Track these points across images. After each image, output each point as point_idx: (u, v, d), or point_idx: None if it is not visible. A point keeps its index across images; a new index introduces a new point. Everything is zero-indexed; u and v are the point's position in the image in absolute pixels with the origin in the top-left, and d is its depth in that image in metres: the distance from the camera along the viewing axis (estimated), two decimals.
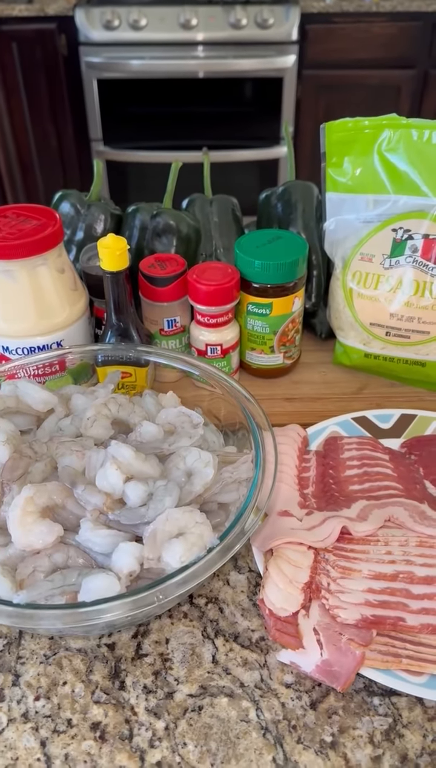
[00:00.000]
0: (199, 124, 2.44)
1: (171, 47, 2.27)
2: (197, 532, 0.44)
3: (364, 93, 2.37)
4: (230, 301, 0.65)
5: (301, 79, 2.34)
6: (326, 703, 0.47)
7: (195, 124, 2.44)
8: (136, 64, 2.28)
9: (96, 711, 0.47)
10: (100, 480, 0.47)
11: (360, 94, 2.37)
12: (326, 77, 2.36)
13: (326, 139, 0.66)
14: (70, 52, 2.30)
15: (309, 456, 0.63)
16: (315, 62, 2.32)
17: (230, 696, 0.47)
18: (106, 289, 0.61)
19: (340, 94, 2.37)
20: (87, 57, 2.29)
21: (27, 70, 2.31)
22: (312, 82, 2.36)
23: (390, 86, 2.36)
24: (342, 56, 2.31)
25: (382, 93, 2.37)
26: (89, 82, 2.34)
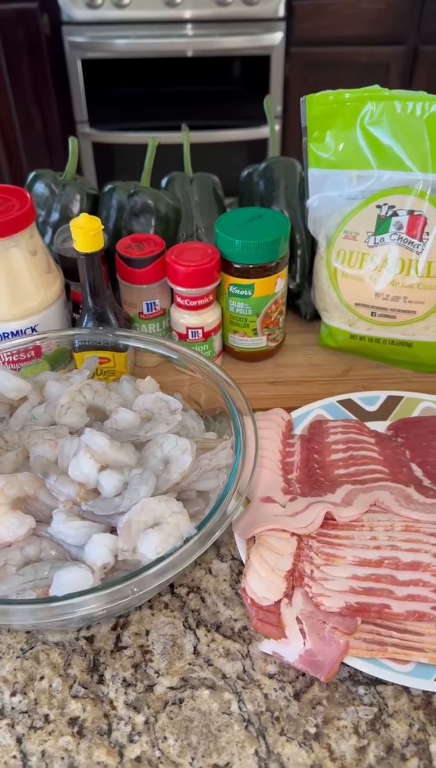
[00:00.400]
0: (187, 104, 2.40)
1: (156, 26, 2.22)
2: (174, 521, 0.43)
3: (353, 70, 2.33)
4: (210, 283, 0.63)
5: (288, 57, 2.30)
6: (310, 694, 0.46)
7: (182, 104, 2.40)
8: (121, 43, 2.23)
9: (74, 706, 0.46)
10: (74, 470, 0.45)
11: (349, 71, 2.33)
12: (314, 54, 2.32)
13: (307, 112, 0.63)
14: (53, 32, 2.25)
15: (293, 440, 0.62)
16: (303, 39, 2.28)
17: (211, 688, 0.46)
18: (81, 272, 0.59)
19: (328, 72, 2.33)
20: (70, 37, 2.24)
21: (9, 51, 2.26)
22: (300, 60, 2.32)
23: (379, 63, 2.32)
24: (330, 33, 2.27)
25: (371, 70, 2.33)
26: (73, 62, 2.30)
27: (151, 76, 2.32)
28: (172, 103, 2.39)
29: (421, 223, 0.61)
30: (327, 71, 2.32)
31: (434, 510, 0.53)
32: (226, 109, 2.40)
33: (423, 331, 0.65)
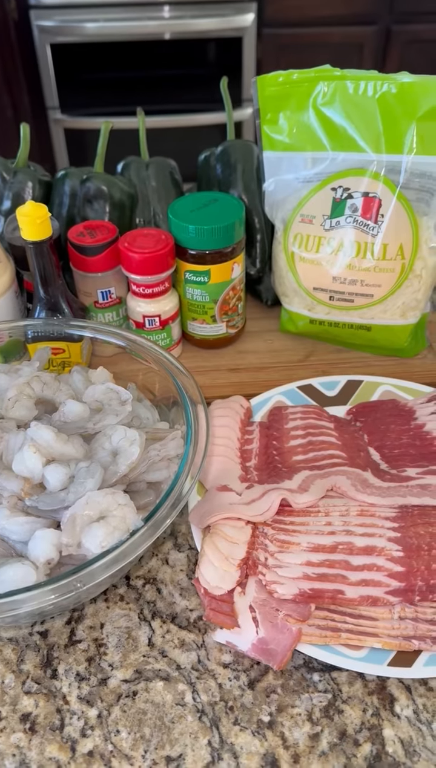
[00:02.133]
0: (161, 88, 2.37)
1: (126, 8, 2.18)
2: (120, 514, 0.42)
3: (326, 52, 2.30)
4: (165, 270, 0.62)
5: (261, 39, 2.27)
6: (265, 682, 0.46)
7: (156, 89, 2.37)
8: (91, 27, 2.20)
9: (26, 702, 0.45)
10: (18, 464, 0.44)
11: (322, 53, 2.30)
12: (287, 36, 2.30)
13: (259, 94, 0.62)
14: (21, 16, 2.21)
15: (252, 428, 0.61)
16: (275, 20, 2.25)
17: (165, 679, 0.46)
18: (30, 261, 0.58)
19: (301, 54, 2.31)
20: (39, 21, 2.20)
21: None
22: (272, 42, 2.29)
23: (352, 44, 2.30)
24: (302, 13, 2.25)
25: (344, 51, 2.31)
26: (42, 47, 2.25)
27: (123, 60, 2.29)
28: (146, 87, 2.36)
29: (375, 205, 0.60)
30: (300, 53, 2.30)
31: (390, 494, 0.52)
32: (200, 92, 2.38)
33: (381, 315, 0.64)
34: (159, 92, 2.37)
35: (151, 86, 2.36)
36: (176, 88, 2.37)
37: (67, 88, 2.34)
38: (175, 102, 2.36)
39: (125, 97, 2.37)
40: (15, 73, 2.32)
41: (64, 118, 2.37)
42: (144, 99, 2.36)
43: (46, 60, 2.28)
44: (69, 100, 2.36)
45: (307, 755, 0.42)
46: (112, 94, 2.37)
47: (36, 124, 2.40)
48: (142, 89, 2.36)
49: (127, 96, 2.37)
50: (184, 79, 2.36)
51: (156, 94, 2.37)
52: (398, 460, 0.57)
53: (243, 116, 2.37)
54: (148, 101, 2.36)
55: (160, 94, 2.37)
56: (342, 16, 2.26)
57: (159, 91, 2.37)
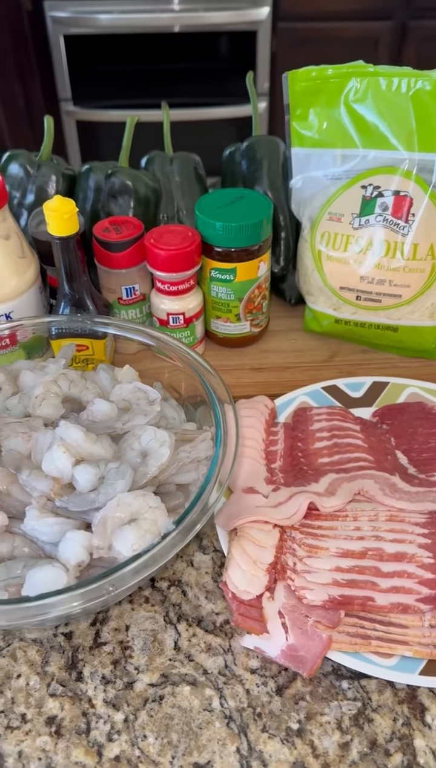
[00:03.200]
0: (173, 81, 2.36)
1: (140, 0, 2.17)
2: (151, 517, 0.41)
3: (341, 46, 2.29)
4: (190, 267, 0.62)
5: (276, 33, 2.25)
6: (293, 689, 0.45)
7: (168, 82, 2.36)
8: (105, 18, 2.18)
9: (52, 704, 0.44)
10: (47, 464, 0.43)
11: (337, 47, 2.29)
12: (302, 30, 2.28)
13: (289, 89, 0.61)
14: (35, 6, 2.20)
15: (277, 428, 0.60)
16: (290, 14, 2.24)
17: (192, 684, 0.45)
18: (56, 257, 0.57)
19: (316, 48, 2.29)
20: (52, 12, 2.18)
21: None
22: (287, 36, 2.28)
23: (368, 39, 2.28)
24: (317, 7, 2.23)
25: (359, 46, 2.29)
26: (56, 38, 2.24)
27: (136, 52, 2.27)
28: (158, 80, 2.34)
29: (407, 204, 0.59)
30: (315, 47, 2.28)
31: (419, 499, 0.52)
32: (213, 86, 2.36)
33: (409, 316, 0.63)
34: (172, 85, 2.36)
35: (165, 79, 2.35)
36: (189, 82, 2.35)
37: (80, 79, 2.33)
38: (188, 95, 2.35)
39: (138, 90, 2.36)
40: (28, 64, 2.30)
41: (76, 110, 2.35)
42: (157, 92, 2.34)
43: (59, 51, 2.26)
44: (81, 92, 2.35)
45: (337, 764, 0.41)
46: (125, 86, 2.36)
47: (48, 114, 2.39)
48: (156, 82, 2.35)
49: (140, 88, 2.36)
50: (197, 73, 2.35)
51: (169, 87, 2.36)
52: (426, 464, 0.56)
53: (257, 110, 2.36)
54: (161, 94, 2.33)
55: (173, 87, 2.36)
56: (357, 10, 2.24)
57: (172, 85, 2.36)
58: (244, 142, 0.73)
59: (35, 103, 2.38)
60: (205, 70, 2.34)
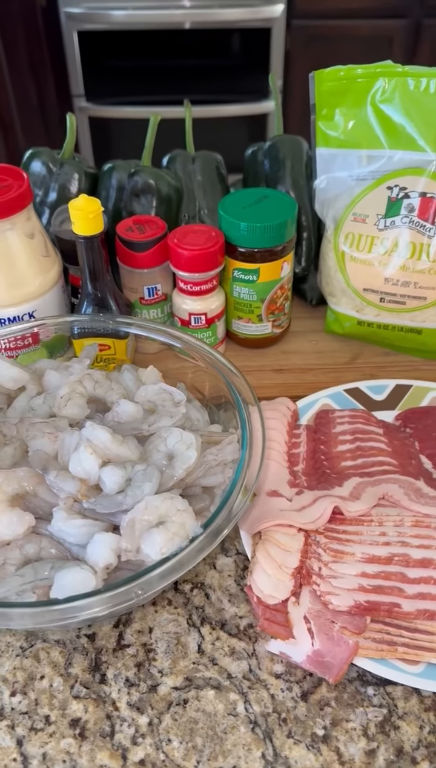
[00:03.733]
0: (185, 78, 2.35)
1: None
2: (179, 520, 0.41)
3: (355, 44, 2.27)
4: (214, 267, 0.61)
5: (290, 30, 2.24)
6: (318, 694, 0.45)
7: (181, 78, 2.35)
8: (119, 14, 2.18)
9: (75, 706, 0.44)
10: (74, 465, 0.43)
11: (351, 45, 2.27)
12: (316, 28, 2.26)
13: (316, 89, 0.61)
14: (49, 2, 2.19)
15: (299, 431, 0.60)
16: (304, 12, 2.23)
17: (216, 688, 0.45)
18: (80, 256, 0.56)
19: (330, 46, 2.27)
20: (66, 7, 2.18)
21: (3, 22, 2.19)
22: (301, 33, 2.26)
23: (382, 37, 2.27)
24: (332, 6, 2.21)
25: (374, 44, 2.28)
26: (69, 34, 2.24)
27: (150, 48, 2.27)
28: (171, 77, 2.34)
29: (433, 206, 0.59)
30: (329, 45, 2.26)
31: None
32: (225, 83, 2.35)
33: (434, 318, 0.63)
34: (185, 82, 2.35)
35: (177, 76, 2.34)
36: (202, 79, 2.35)
37: (93, 76, 2.32)
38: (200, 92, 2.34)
39: (151, 87, 2.35)
40: (41, 60, 2.30)
41: (89, 106, 2.35)
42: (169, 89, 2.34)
43: (72, 47, 2.26)
44: (94, 88, 2.35)
45: None
46: (138, 82, 2.35)
47: (60, 111, 2.39)
48: (168, 79, 2.34)
49: (153, 85, 2.35)
50: (210, 70, 2.34)
51: (182, 83, 2.35)
52: None
53: (269, 108, 2.35)
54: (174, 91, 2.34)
55: (186, 84, 2.35)
56: (372, 8, 2.22)
57: (185, 81, 2.35)
58: (266, 141, 0.72)
59: (48, 99, 2.37)
60: (217, 67, 2.33)
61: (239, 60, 2.31)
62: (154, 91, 2.35)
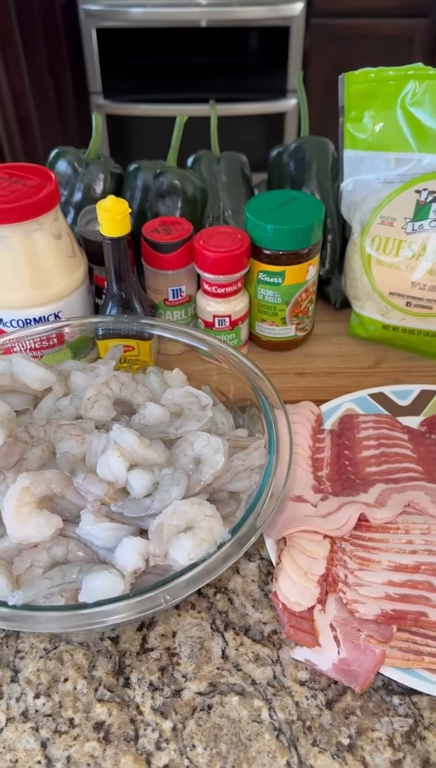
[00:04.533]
0: (203, 75, 2.34)
1: None
2: (207, 526, 0.41)
3: (375, 44, 2.26)
4: (239, 270, 0.61)
5: (309, 29, 2.23)
6: (343, 703, 0.44)
7: (198, 76, 2.35)
8: (137, 12, 2.17)
9: (99, 710, 0.44)
10: (102, 468, 0.43)
11: (371, 44, 2.26)
12: (336, 26, 2.25)
13: (345, 90, 0.60)
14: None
15: (323, 435, 0.59)
16: (324, 10, 2.21)
17: (241, 694, 0.45)
18: (106, 257, 0.56)
19: (350, 45, 2.26)
20: (85, 5, 2.18)
21: (23, 19, 2.20)
22: (321, 32, 2.25)
23: (402, 36, 2.25)
24: (352, 4, 2.20)
25: (393, 44, 2.26)
26: (88, 31, 2.24)
27: (168, 46, 2.26)
28: (188, 74, 2.34)
29: None
30: (349, 44, 2.25)
31: None
32: (242, 81, 2.35)
33: None
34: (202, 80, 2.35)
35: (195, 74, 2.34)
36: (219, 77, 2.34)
37: (110, 73, 2.32)
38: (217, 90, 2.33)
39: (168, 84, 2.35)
40: (59, 57, 2.30)
41: (106, 103, 2.35)
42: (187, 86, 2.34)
43: (91, 44, 2.26)
44: (111, 85, 2.35)
45: None
46: (155, 80, 2.35)
47: (78, 108, 2.39)
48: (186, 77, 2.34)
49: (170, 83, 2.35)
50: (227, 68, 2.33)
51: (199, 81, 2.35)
52: None
53: (287, 107, 2.34)
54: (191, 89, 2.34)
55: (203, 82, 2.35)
56: (392, 7, 2.21)
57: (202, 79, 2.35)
58: (292, 143, 0.72)
59: (66, 96, 2.38)
60: (235, 65, 2.32)
61: (256, 58, 2.30)
62: (171, 88, 2.35)
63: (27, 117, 2.38)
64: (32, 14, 2.20)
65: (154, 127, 2.39)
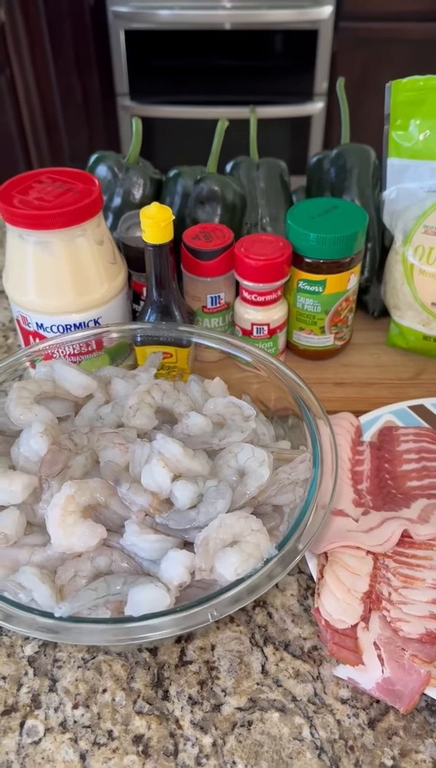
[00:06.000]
0: (229, 78, 2.34)
1: None
2: (253, 540, 0.40)
3: (405, 48, 2.24)
4: (280, 278, 0.60)
5: (337, 32, 2.22)
6: (386, 722, 0.43)
7: (224, 79, 2.34)
8: (165, 14, 2.18)
9: (138, 722, 0.44)
10: (146, 478, 0.43)
11: (400, 49, 2.24)
12: (365, 30, 2.24)
13: (392, 99, 0.59)
14: (97, 0, 2.21)
15: (363, 448, 0.59)
16: (353, 14, 2.20)
17: (281, 711, 0.44)
18: (148, 263, 0.56)
19: (379, 49, 2.24)
20: (114, 6, 2.19)
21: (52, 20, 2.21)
22: (349, 35, 2.24)
23: (433, 41, 2.23)
24: (382, 8, 2.19)
25: (424, 48, 2.24)
26: (116, 33, 2.25)
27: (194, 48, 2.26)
28: (214, 76, 2.33)
29: None
30: (378, 48, 2.23)
31: None
32: (269, 84, 2.34)
33: None
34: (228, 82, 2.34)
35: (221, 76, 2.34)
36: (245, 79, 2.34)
37: (137, 75, 2.33)
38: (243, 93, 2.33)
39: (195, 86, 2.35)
40: (87, 58, 2.31)
41: (132, 105, 2.36)
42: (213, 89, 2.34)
43: (118, 46, 2.27)
44: (138, 87, 2.35)
45: None
46: (182, 82, 2.35)
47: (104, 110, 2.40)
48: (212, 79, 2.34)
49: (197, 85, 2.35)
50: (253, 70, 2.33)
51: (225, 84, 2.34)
52: None
53: (313, 110, 2.33)
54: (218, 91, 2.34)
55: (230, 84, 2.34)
56: (424, 11, 2.19)
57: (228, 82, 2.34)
58: (332, 149, 0.71)
59: (92, 98, 2.38)
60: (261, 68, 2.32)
61: (283, 61, 2.29)
62: (197, 90, 2.35)
63: (53, 118, 2.39)
64: (61, 15, 2.21)
65: (180, 129, 2.39)
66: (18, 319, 0.59)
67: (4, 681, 0.46)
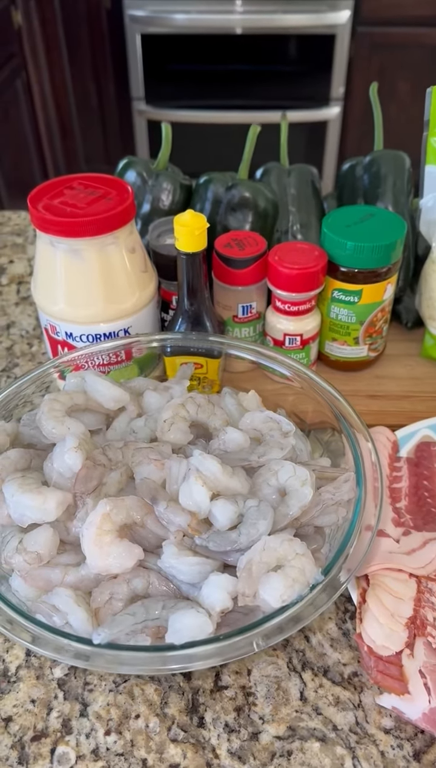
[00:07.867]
0: (245, 82, 2.33)
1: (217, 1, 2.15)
2: (298, 565, 0.38)
3: (422, 53, 2.22)
4: (314, 287, 0.59)
5: (354, 37, 2.20)
6: (431, 755, 0.42)
7: (240, 83, 2.33)
8: (181, 18, 2.17)
9: (173, 751, 0.42)
10: (184, 497, 0.41)
11: (418, 54, 2.22)
12: (382, 35, 2.22)
13: (432, 105, 0.57)
14: (114, 4, 2.20)
15: (400, 464, 0.57)
16: (370, 19, 2.19)
17: (322, 740, 0.42)
18: (180, 272, 0.54)
19: (396, 54, 2.23)
20: (131, 10, 2.19)
21: (68, 24, 2.21)
22: (366, 40, 2.22)
23: None
24: (400, 13, 2.17)
25: None
26: (132, 37, 2.24)
27: (210, 53, 2.26)
28: (230, 81, 2.33)
29: None
30: (395, 53, 2.22)
31: None
32: (285, 89, 2.33)
33: None
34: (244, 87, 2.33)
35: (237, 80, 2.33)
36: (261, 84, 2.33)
37: (153, 79, 2.32)
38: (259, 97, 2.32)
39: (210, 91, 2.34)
40: (103, 62, 2.31)
41: (148, 109, 2.35)
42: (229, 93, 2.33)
43: (135, 50, 2.26)
44: (153, 91, 2.34)
45: None
46: (197, 86, 2.34)
47: (119, 114, 2.39)
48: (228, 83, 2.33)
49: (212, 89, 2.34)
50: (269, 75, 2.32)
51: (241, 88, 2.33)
52: None
53: (330, 115, 2.32)
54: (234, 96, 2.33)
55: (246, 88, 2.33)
56: None
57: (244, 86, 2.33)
58: (366, 156, 0.69)
59: (107, 102, 2.38)
60: (279, 73, 2.31)
61: (299, 66, 2.28)
62: (213, 95, 2.34)
63: (69, 122, 2.38)
64: (78, 19, 2.21)
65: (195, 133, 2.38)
66: (46, 327, 0.58)
67: (33, 704, 0.44)
